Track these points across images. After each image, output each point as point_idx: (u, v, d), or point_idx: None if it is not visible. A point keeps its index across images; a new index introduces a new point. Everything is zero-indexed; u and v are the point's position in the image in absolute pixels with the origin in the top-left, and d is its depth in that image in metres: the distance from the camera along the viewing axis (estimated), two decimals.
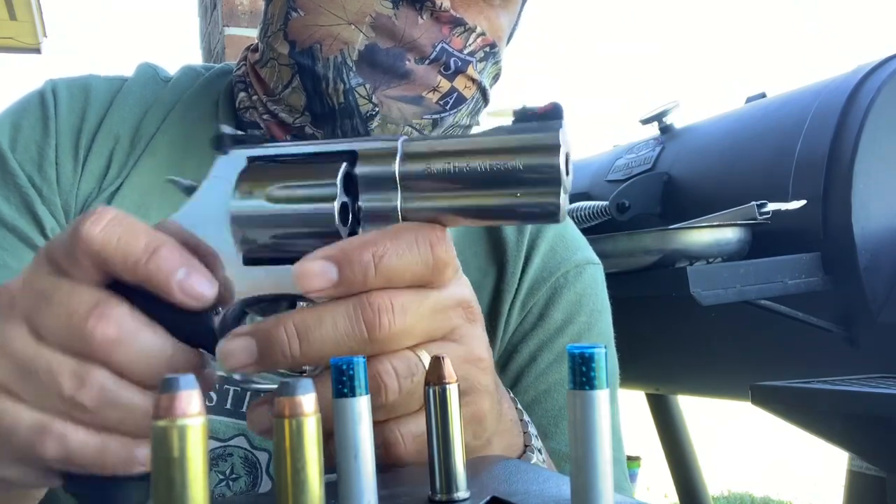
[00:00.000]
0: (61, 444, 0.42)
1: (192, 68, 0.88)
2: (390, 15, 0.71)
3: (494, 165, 0.40)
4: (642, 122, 2.03)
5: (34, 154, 0.76)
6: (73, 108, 0.79)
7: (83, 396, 0.42)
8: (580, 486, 0.32)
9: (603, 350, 0.32)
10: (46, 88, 0.81)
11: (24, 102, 0.81)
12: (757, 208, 1.47)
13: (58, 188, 0.76)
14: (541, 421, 0.78)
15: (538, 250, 0.83)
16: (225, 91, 0.84)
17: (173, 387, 0.27)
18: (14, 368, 0.43)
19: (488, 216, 0.42)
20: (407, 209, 0.42)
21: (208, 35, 3.49)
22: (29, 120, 0.78)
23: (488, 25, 0.75)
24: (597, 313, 0.84)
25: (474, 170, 0.40)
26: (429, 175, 0.41)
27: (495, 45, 0.76)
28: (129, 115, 0.80)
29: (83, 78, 0.83)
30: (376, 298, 0.42)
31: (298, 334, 0.41)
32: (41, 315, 0.43)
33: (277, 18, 0.75)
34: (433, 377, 0.39)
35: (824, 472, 4.19)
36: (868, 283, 1.44)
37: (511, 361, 0.80)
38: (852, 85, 1.53)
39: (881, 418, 1.10)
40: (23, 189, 0.75)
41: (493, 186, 0.40)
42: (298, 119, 0.75)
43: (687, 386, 2.10)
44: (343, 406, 0.35)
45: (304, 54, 0.72)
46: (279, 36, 0.74)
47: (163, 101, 0.83)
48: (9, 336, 0.44)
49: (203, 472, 0.27)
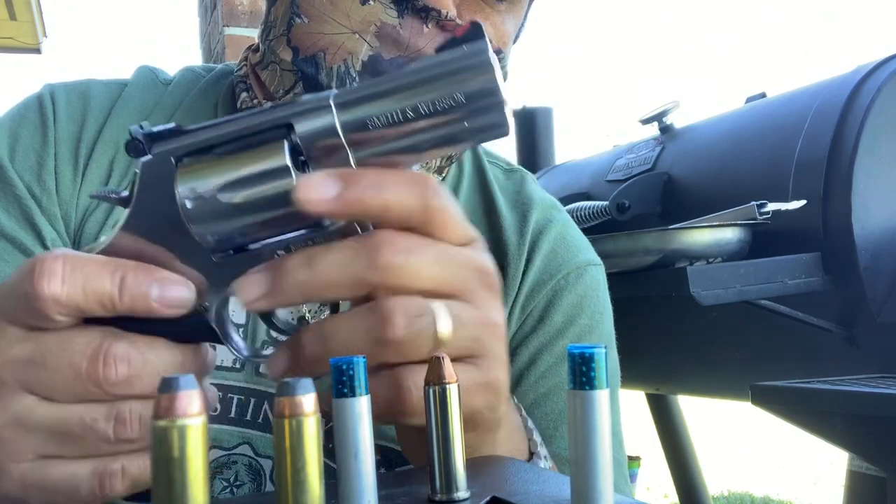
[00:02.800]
0: (125, 478, 0.43)
1: (192, 70, 0.88)
2: (395, 24, 0.70)
3: (435, 100, 0.40)
4: (642, 122, 2.03)
5: (33, 163, 0.76)
6: (71, 116, 0.78)
7: (126, 433, 0.42)
8: (580, 486, 0.32)
9: (603, 350, 0.32)
10: (45, 94, 0.80)
11: (22, 109, 0.80)
12: (757, 208, 1.48)
13: (57, 198, 0.75)
14: (541, 424, 0.77)
15: (539, 252, 0.82)
16: (224, 93, 0.84)
17: (173, 387, 0.27)
18: (45, 437, 0.43)
19: (441, 146, 0.42)
20: (360, 161, 0.42)
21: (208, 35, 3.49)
22: (27, 128, 0.77)
23: (494, 32, 0.75)
24: (598, 315, 0.83)
25: (416, 108, 0.40)
26: (372, 125, 0.41)
27: (500, 50, 0.76)
28: (129, 123, 0.79)
29: (82, 83, 0.82)
30: (379, 235, 0.42)
31: (306, 262, 0.42)
32: (42, 381, 0.43)
33: (280, 22, 0.74)
34: (433, 377, 0.39)
35: (824, 472, 4.20)
36: (868, 283, 1.44)
37: (511, 364, 0.80)
38: (852, 85, 1.53)
39: (881, 418, 1.10)
40: (22, 200, 0.74)
41: (439, 119, 0.40)
42: None
43: (687, 386, 2.10)
44: (343, 406, 0.35)
45: (307, 62, 0.72)
46: (282, 41, 0.74)
47: (163, 106, 0.82)
48: (19, 410, 0.43)
49: (203, 471, 0.27)
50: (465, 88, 0.40)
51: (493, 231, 0.83)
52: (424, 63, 0.41)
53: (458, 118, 0.40)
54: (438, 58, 0.40)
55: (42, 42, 5.07)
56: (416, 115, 0.40)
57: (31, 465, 0.44)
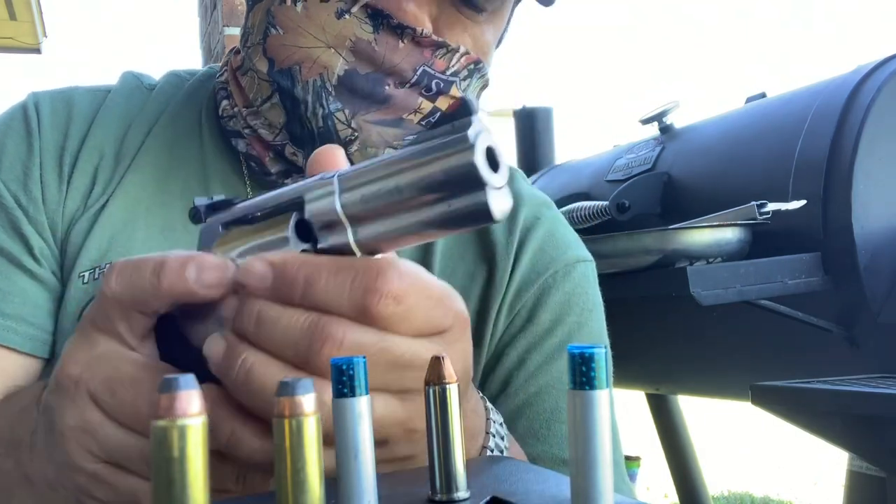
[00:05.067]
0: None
1: (176, 75, 0.88)
2: (370, 40, 0.70)
3: (419, 180, 0.39)
4: (642, 122, 2.03)
5: (19, 173, 0.76)
6: (56, 125, 0.79)
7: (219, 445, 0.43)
8: (580, 486, 0.32)
9: (603, 350, 0.32)
10: (29, 103, 0.80)
11: (6, 119, 0.80)
12: (757, 208, 1.47)
13: (44, 207, 0.75)
14: (532, 424, 0.77)
15: (527, 251, 0.81)
16: (208, 100, 0.83)
17: (173, 387, 0.27)
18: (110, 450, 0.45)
19: (433, 229, 0.40)
20: (359, 241, 0.42)
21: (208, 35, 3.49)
22: (13, 138, 0.78)
23: (472, 43, 0.74)
24: (587, 312, 0.82)
25: (401, 188, 0.39)
26: (365, 203, 0.41)
27: (480, 60, 0.75)
28: (112, 130, 0.79)
29: (66, 91, 0.82)
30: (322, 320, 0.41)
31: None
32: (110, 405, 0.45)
33: (257, 31, 0.74)
34: (433, 377, 0.39)
35: (824, 472, 4.20)
36: (868, 283, 1.44)
37: (499, 364, 0.79)
38: (852, 85, 1.53)
39: (881, 418, 1.10)
40: (9, 209, 0.74)
41: (425, 200, 0.39)
42: (278, 136, 0.74)
43: (687, 386, 2.10)
44: (343, 406, 0.35)
45: (283, 75, 0.72)
46: (258, 50, 0.73)
47: (147, 112, 0.82)
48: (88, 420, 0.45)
49: (203, 472, 0.27)
50: (446, 166, 0.38)
51: (481, 230, 0.82)
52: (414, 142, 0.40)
53: (441, 194, 0.38)
54: (426, 133, 0.39)
55: (42, 42, 5.08)
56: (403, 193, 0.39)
57: (103, 466, 0.46)
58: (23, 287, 0.73)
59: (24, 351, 0.72)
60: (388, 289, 0.41)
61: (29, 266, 0.74)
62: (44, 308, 0.74)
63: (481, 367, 0.79)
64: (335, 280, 0.41)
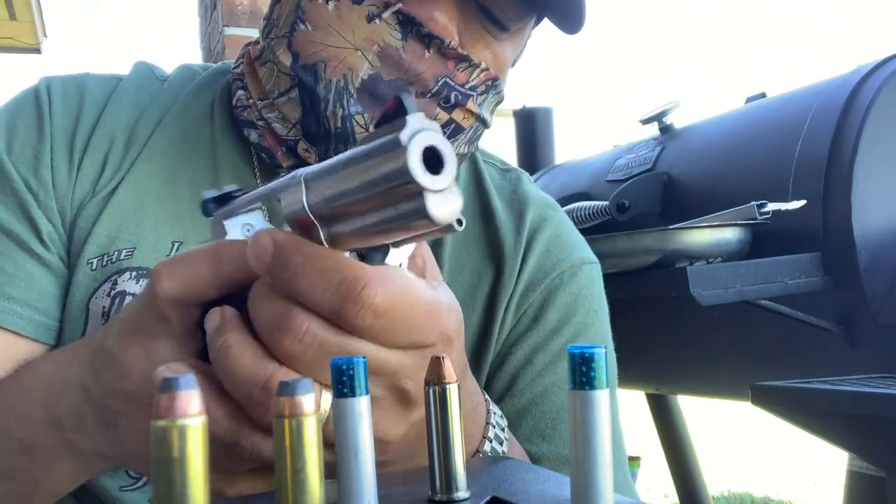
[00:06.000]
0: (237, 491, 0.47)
1: (189, 67, 0.88)
2: (398, 47, 0.70)
3: (363, 186, 0.36)
4: (642, 122, 2.03)
5: (30, 157, 0.76)
6: (67, 110, 0.78)
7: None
8: (580, 486, 0.32)
9: (603, 350, 0.32)
10: (41, 87, 0.80)
11: (19, 102, 0.80)
12: (757, 208, 1.47)
13: (53, 191, 0.75)
14: (538, 424, 0.77)
15: (534, 251, 0.82)
16: (221, 91, 0.84)
17: (173, 387, 0.27)
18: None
19: (396, 231, 0.38)
20: (329, 239, 0.41)
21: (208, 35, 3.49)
22: (24, 121, 0.77)
23: (493, 60, 0.75)
24: (593, 313, 0.83)
25: (351, 192, 0.37)
26: (325, 202, 0.39)
27: (497, 78, 0.76)
28: (124, 117, 0.80)
29: (79, 77, 0.82)
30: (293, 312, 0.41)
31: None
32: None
33: (284, 24, 0.74)
34: (433, 377, 0.39)
35: (824, 472, 4.20)
36: (868, 283, 1.44)
37: (506, 363, 0.80)
38: (852, 85, 1.53)
39: (881, 418, 1.10)
40: (19, 193, 0.74)
41: (374, 204, 0.37)
42: (291, 131, 0.74)
43: (687, 386, 2.10)
44: (343, 406, 0.35)
45: (306, 71, 0.72)
46: (283, 42, 0.73)
47: (159, 101, 0.82)
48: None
49: (203, 472, 0.27)
50: (383, 169, 0.35)
51: (489, 231, 0.83)
52: (361, 142, 0.38)
53: (387, 203, 0.36)
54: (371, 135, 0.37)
55: (42, 42, 5.08)
56: (356, 198, 0.37)
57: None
58: (30, 271, 0.73)
59: (28, 335, 0.72)
60: (371, 302, 0.40)
61: (37, 250, 0.74)
62: (51, 293, 0.74)
63: (487, 366, 0.80)
64: (321, 280, 0.40)
